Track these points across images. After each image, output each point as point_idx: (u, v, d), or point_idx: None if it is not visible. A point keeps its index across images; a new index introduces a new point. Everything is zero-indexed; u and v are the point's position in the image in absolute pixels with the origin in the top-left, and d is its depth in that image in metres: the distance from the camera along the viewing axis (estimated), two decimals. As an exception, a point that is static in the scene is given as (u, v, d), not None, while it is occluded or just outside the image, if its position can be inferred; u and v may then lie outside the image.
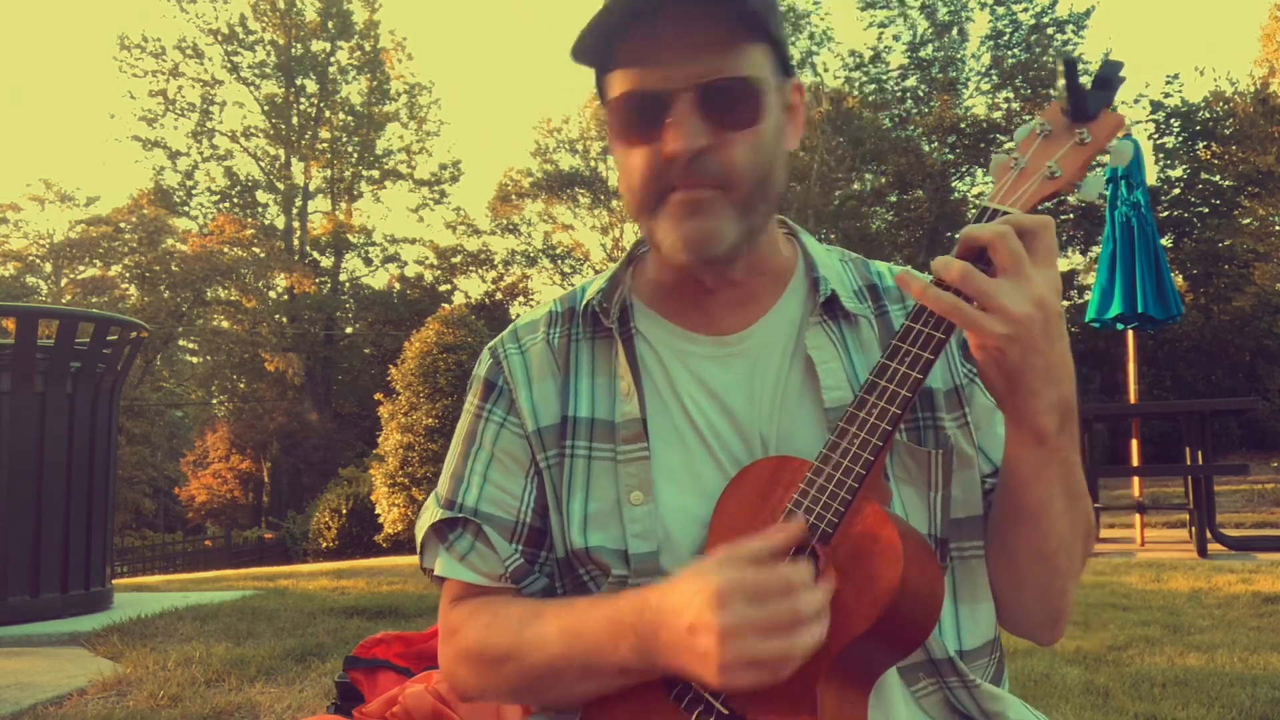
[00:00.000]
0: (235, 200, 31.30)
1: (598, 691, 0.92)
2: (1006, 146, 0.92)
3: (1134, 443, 7.02)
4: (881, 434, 0.84)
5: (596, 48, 0.93)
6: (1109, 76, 0.87)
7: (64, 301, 27.35)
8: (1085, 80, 0.88)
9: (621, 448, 0.99)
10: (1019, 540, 0.94)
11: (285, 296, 30.52)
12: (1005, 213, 0.85)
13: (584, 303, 1.06)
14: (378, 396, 15.20)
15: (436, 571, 1.04)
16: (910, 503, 0.96)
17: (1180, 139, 22.82)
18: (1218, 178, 22.86)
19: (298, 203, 31.66)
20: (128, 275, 28.73)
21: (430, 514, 1.06)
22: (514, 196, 30.08)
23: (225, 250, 28.63)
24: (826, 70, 25.50)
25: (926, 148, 24.70)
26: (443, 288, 30.98)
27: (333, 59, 31.30)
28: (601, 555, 0.97)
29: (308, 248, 31.49)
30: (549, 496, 1.02)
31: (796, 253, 1.08)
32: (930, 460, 0.96)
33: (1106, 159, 0.89)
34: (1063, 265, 24.55)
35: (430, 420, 13.37)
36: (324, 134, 31.74)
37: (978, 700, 0.96)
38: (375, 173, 32.23)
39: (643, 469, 0.97)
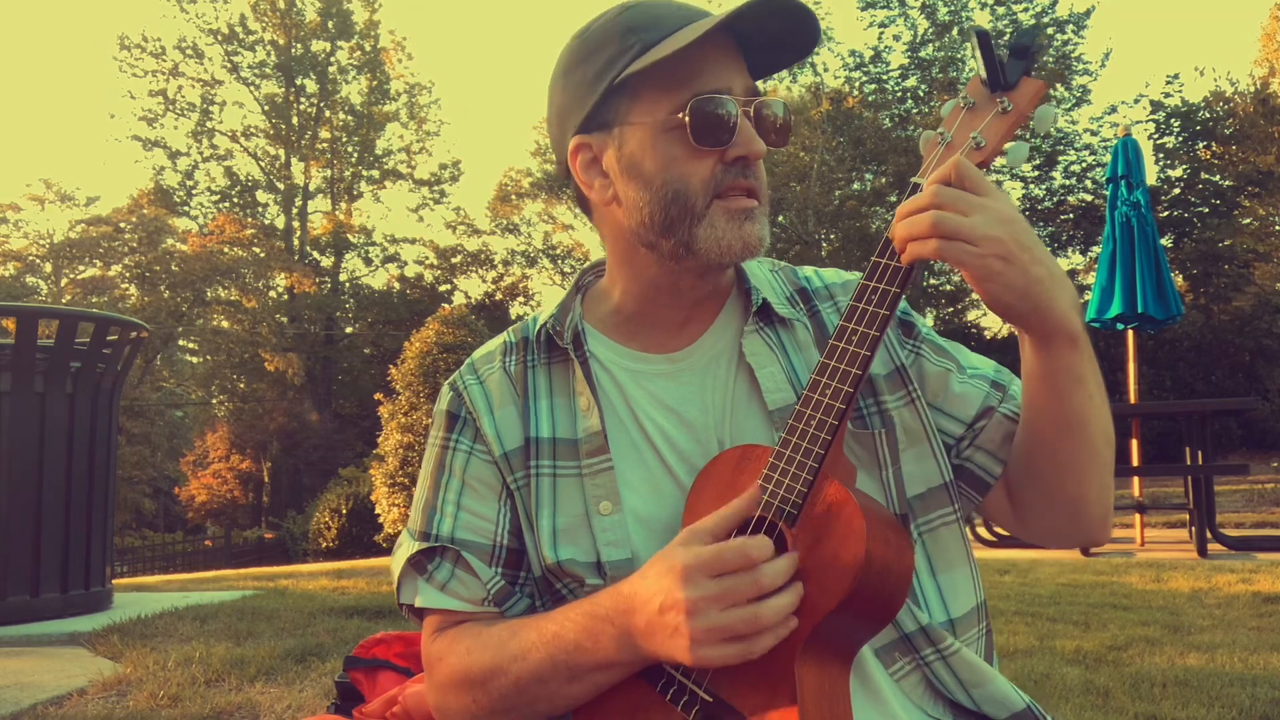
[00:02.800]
0: (235, 200, 31.28)
1: (586, 693, 0.94)
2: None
3: (1134, 443, 7.02)
4: (836, 413, 0.87)
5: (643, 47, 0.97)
6: (1026, 45, 0.90)
7: (64, 301, 27.35)
8: (1002, 51, 0.91)
9: (586, 461, 1.03)
10: (1073, 449, 0.97)
11: (285, 296, 30.51)
12: None
13: (537, 330, 1.11)
14: (378, 396, 15.19)
15: (418, 604, 1.05)
16: (865, 485, 0.99)
17: (1180, 139, 22.83)
18: (1218, 178, 22.87)
19: (298, 203, 31.65)
20: (128, 275, 28.73)
21: (405, 549, 1.07)
22: (514, 196, 30.09)
23: (225, 250, 28.62)
24: (826, 70, 25.46)
25: (926, 148, 24.67)
26: (443, 288, 30.99)
27: (333, 59, 31.29)
28: (574, 568, 1.00)
29: (308, 248, 31.48)
30: (521, 518, 1.05)
31: (730, 270, 1.14)
32: (875, 440, 1.01)
33: (1032, 124, 0.90)
34: (1062, 265, 24.60)
35: (430, 420, 13.38)
36: (324, 134, 31.73)
37: (956, 673, 0.98)
38: (375, 173, 32.21)
39: (609, 480, 1.01)
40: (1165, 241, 18.69)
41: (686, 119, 0.96)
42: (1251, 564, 5.27)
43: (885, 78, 25.13)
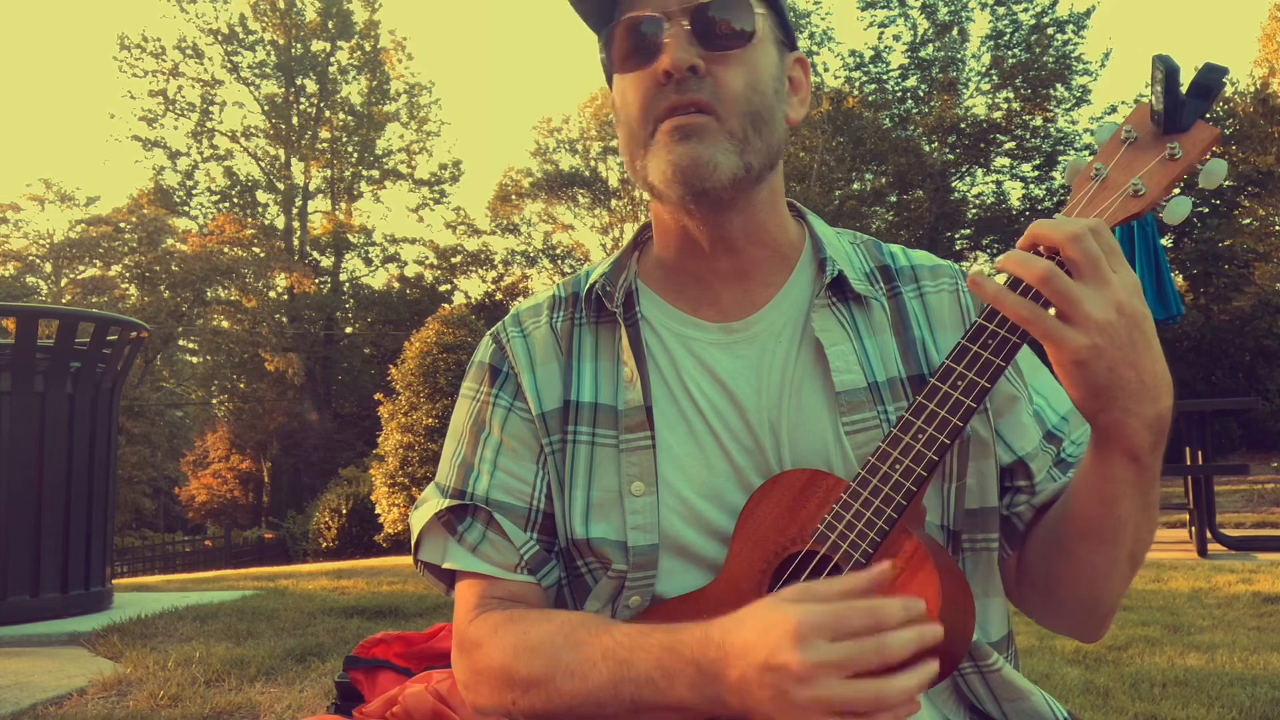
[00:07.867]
0: (235, 200, 31.30)
1: None
2: (1086, 154, 0.84)
3: (1134, 443, 7.00)
4: (928, 463, 0.79)
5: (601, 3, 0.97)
6: (1210, 84, 0.78)
7: (64, 301, 27.32)
8: (1183, 87, 0.78)
9: (624, 436, 0.96)
10: (1094, 557, 0.89)
11: (285, 296, 30.52)
12: None
13: (587, 286, 1.04)
14: (378, 396, 15.20)
15: (447, 565, 0.98)
16: (926, 495, 0.93)
17: (1180, 139, 22.78)
18: (1218, 177, 22.83)
19: (298, 203, 31.66)
20: (128, 275, 28.71)
21: (433, 504, 1.00)
22: (514, 196, 30.08)
23: (225, 250, 28.61)
24: (826, 70, 25.46)
25: (926, 148, 24.70)
26: (443, 288, 30.99)
27: (333, 59, 31.30)
28: (603, 547, 0.94)
29: (308, 248, 31.49)
30: (554, 483, 0.99)
31: (804, 234, 1.06)
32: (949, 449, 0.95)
33: (1199, 178, 0.79)
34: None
35: (430, 420, 13.37)
36: (324, 134, 31.74)
37: (991, 687, 0.94)
38: (375, 173, 32.23)
39: (645, 459, 0.94)
40: (1165, 241, 18.67)
41: (606, 48, 0.97)
42: (1251, 564, 5.27)
43: (885, 78, 25.12)
